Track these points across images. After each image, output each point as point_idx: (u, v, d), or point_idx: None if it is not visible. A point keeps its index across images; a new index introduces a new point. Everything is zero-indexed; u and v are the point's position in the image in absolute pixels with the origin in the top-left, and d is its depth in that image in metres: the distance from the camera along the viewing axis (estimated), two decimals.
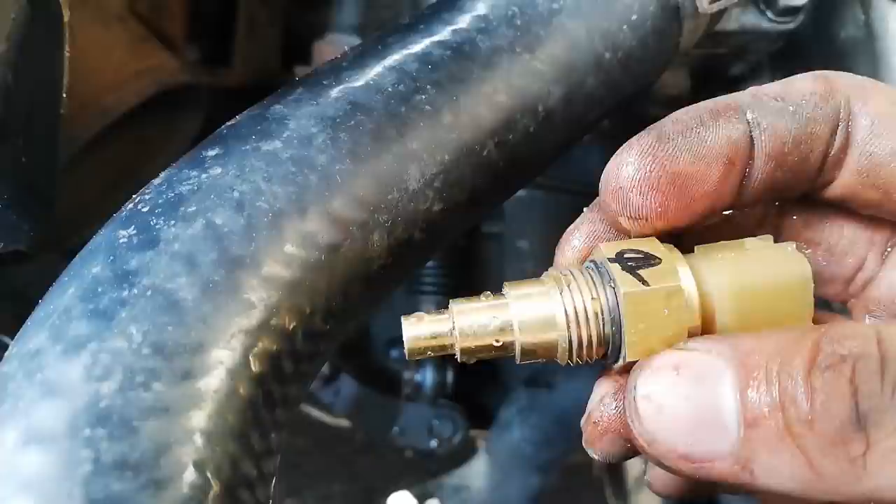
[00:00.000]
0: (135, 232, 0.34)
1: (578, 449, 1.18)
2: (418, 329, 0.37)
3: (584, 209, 0.43)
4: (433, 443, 1.10)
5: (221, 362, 0.32)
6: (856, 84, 0.37)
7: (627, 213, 0.37)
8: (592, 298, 0.36)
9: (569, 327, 0.36)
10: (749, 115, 0.37)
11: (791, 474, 0.30)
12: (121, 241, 0.33)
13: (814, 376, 0.30)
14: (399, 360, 1.16)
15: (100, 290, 0.31)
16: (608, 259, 0.36)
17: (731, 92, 0.74)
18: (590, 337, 0.36)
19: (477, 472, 1.13)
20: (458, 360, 0.38)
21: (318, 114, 0.39)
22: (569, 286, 0.37)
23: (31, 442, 0.27)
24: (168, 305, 0.31)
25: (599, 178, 0.39)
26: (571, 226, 0.41)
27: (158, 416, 0.29)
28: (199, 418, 0.30)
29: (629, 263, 0.36)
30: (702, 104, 0.38)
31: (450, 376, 1.08)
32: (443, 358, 1.09)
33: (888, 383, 0.28)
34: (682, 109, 0.38)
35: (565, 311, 0.36)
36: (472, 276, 1.12)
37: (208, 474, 0.29)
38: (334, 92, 0.41)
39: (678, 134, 0.36)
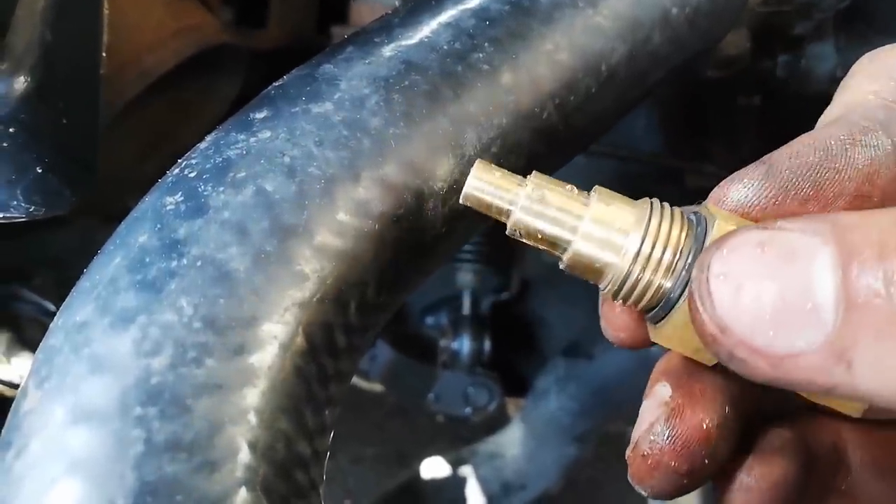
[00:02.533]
0: (182, 199, 0.32)
1: (614, 419, 1.16)
2: (487, 177, 0.33)
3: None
4: (468, 410, 1.09)
5: (275, 337, 0.30)
6: None
7: None
8: (679, 235, 0.32)
9: (634, 260, 0.32)
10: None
11: None
12: (168, 208, 0.32)
13: None
14: (434, 328, 1.15)
15: (147, 260, 0.30)
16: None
17: (792, 52, 0.70)
18: (649, 282, 0.32)
19: (512, 441, 1.12)
20: (507, 231, 0.34)
21: (371, 74, 0.37)
22: (659, 223, 0.32)
23: (81, 420, 0.26)
24: (219, 277, 0.30)
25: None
26: None
27: (211, 394, 0.27)
28: (253, 396, 0.28)
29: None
30: (829, 129, 0.32)
31: (487, 345, 1.06)
32: (480, 326, 1.08)
33: None
34: (808, 136, 0.33)
35: (641, 244, 0.31)
36: (508, 243, 1.09)
37: (263, 455, 0.28)
38: (387, 50, 0.38)
39: (792, 171, 0.32)
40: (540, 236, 0.33)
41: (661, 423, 0.34)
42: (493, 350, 1.09)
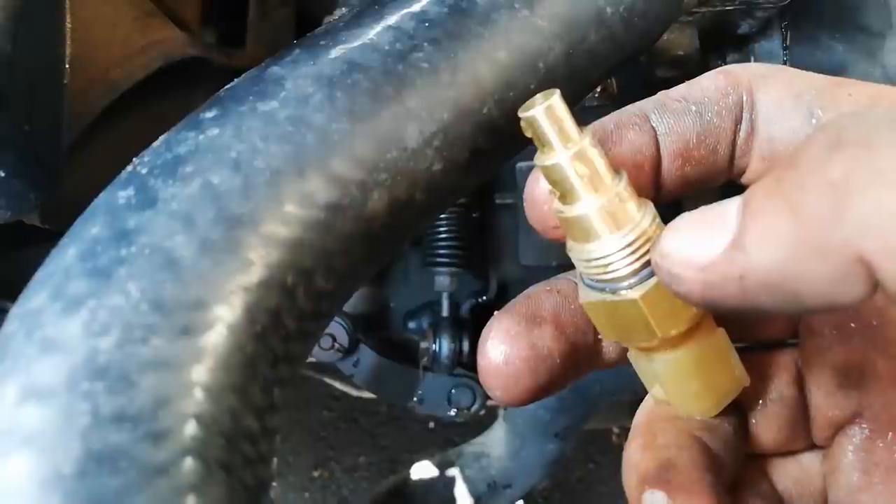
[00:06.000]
0: (133, 193, 0.34)
1: (595, 416, 1.17)
2: (555, 114, 0.35)
3: None
4: (452, 412, 1.11)
5: (221, 318, 0.32)
6: (758, 73, 0.39)
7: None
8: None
9: (621, 249, 0.36)
10: (654, 120, 0.39)
11: (777, 231, 0.28)
12: (120, 202, 0.34)
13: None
14: (417, 332, 1.16)
15: (98, 249, 0.32)
16: None
17: (740, 51, 0.73)
18: (613, 268, 0.36)
19: (496, 440, 1.14)
20: (538, 162, 0.37)
21: (315, 74, 0.39)
22: (652, 232, 0.36)
23: (31, 397, 0.28)
24: (166, 263, 0.32)
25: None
26: None
27: (157, 370, 0.29)
28: (199, 373, 0.30)
29: None
30: (609, 117, 0.40)
31: (465, 345, 1.08)
32: (458, 328, 1.09)
33: (889, 114, 0.27)
34: (596, 122, 0.40)
35: (632, 240, 0.36)
36: (486, 247, 1.11)
37: (209, 426, 0.30)
38: (331, 52, 0.40)
39: None
40: (565, 184, 0.36)
41: None
42: (474, 351, 1.11)
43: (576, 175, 0.35)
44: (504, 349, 0.40)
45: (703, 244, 0.31)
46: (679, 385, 0.40)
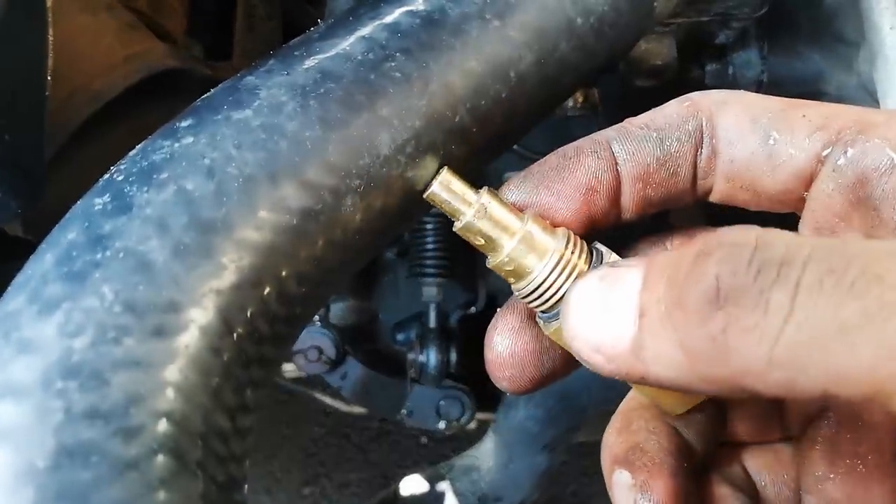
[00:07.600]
0: (109, 199, 0.35)
1: (587, 428, 1.18)
2: (448, 185, 0.41)
3: None
4: (441, 424, 1.11)
5: (193, 320, 0.33)
6: (717, 99, 0.42)
7: None
8: (580, 263, 0.40)
9: (547, 276, 0.40)
10: (614, 147, 0.42)
11: (670, 357, 0.31)
12: (96, 208, 0.35)
13: (691, 261, 0.31)
14: (405, 345, 1.17)
15: (74, 254, 0.33)
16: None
17: (719, 61, 0.74)
18: (554, 293, 0.40)
19: (485, 452, 1.14)
20: (454, 228, 0.41)
21: (289, 83, 0.40)
22: (571, 251, 0.40)
23: (6, 395, 0.29)
24: (140, 266, 0.32)
25: None
26: None
27: (129, 369, 0.30)
28: (171, 372, 0.31)
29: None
30: (571, 144, 0.43)
31: (453, 356, 1.09)
32: (446, 339, 1.10)
33: (754, 265, 0.29)
34: (558, 149, 0.43)
35: (555, 264, 0.40)
36: (473, 258, 1.12)
37: (180, 424, 0.30)
38: (305, 62, 0.41)
39: (541, 172, 0.43)
40: (476, 243, 0.41)
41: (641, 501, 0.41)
42: (467, 365, 1.11)
43: (484, 227, 0.40)
44: (509, 342, 0.43)
45: (606, 335, 0.34)
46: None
